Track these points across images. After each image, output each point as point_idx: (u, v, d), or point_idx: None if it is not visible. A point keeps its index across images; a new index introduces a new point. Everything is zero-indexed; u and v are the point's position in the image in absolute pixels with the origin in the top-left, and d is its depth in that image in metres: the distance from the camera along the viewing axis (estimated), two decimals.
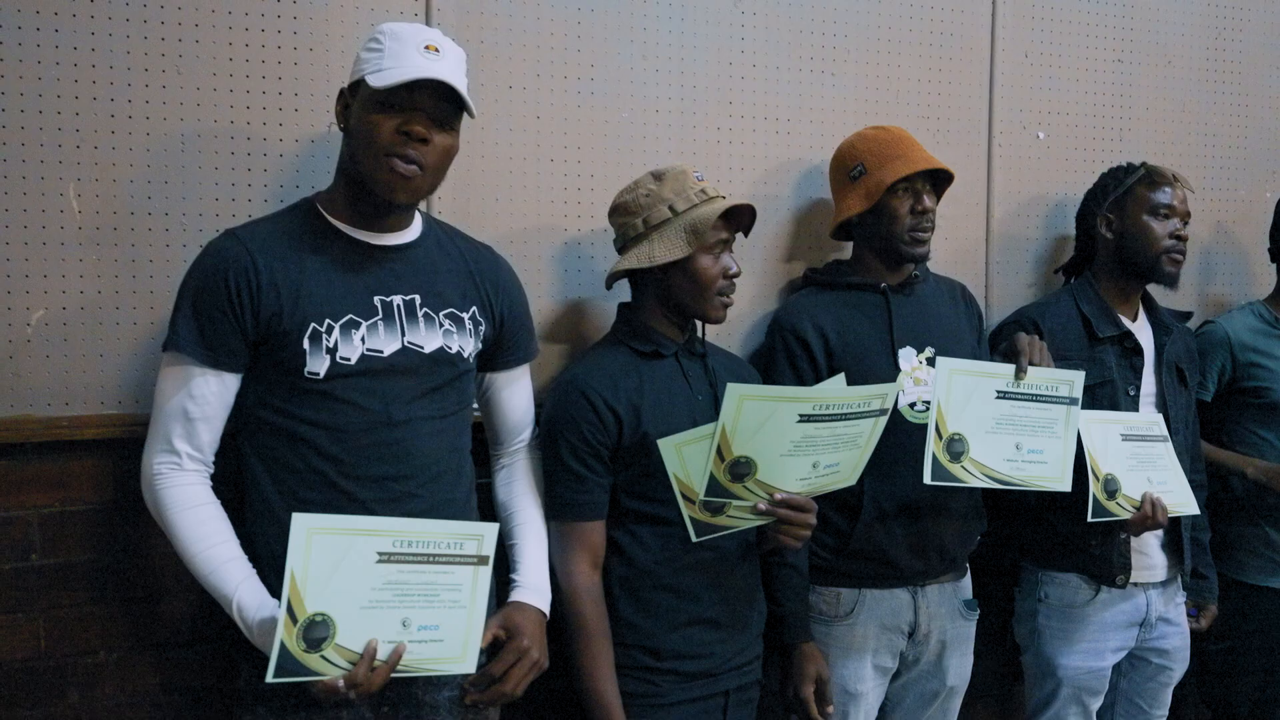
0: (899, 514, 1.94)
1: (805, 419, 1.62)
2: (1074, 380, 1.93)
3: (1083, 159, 2.46)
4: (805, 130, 2.21)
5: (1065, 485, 1.92)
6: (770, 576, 1.90)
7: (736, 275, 1.78)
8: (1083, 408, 1.99)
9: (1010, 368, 1.90)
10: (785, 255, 2.20)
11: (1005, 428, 1.89)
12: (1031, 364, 1.90)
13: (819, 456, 1.66)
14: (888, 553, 1.94)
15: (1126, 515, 1.96)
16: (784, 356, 1.97)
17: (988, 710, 2.51)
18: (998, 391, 1.89)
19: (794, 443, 1.63)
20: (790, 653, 1.90)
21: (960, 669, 2.06)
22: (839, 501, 1.91)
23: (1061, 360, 2.03)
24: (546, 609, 1.66)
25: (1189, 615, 2.28)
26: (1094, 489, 1.92)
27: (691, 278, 1.75)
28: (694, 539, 1.64)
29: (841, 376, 1.78)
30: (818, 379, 1.91)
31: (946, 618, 2.02)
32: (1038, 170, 2.44)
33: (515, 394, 1.76)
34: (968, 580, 2.09)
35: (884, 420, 1.72)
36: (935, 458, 1.83)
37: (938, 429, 1.83)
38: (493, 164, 1.97)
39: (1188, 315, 2.32)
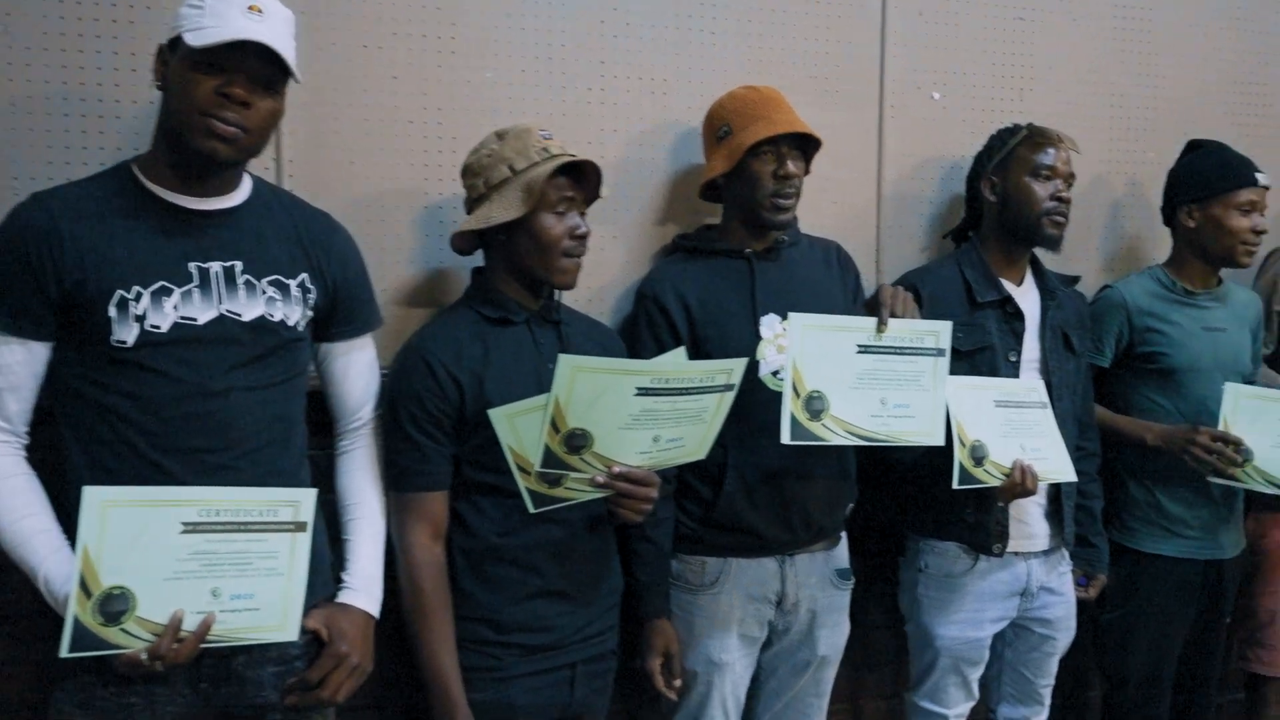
0: (762, 484, 1.90)
1: (644, 392, 1.58)
2: (939, 331, 1.89)
3: (980, 120, 2.38)
4: (683, 92, 2.14)
5: (937, 439, 1.88)
6: (627, 550, 1.87)
7: (585, 235, 1.74)
8: (962, 374, 1.96)
9: (871, 321, 1.85)
10: (659, 220, 2.14)
11: (869, 383, 1.85)
12: (894, 316, 1.86)
13: (660, 430, 1.63)
14: (751, 523, 1.91)
15: (995, 482, 1.93)
16: (646, 326, 1.93)
17: (881, 681, 2.49)
18: (859, 346, 1.84)
19: (633, 416, 1.59)
20: (642, 626, 1.87)
21: (832, 639, 2.03)
22: (703, 471, 1.88)
23: None
24: (375, 610, 1.64)
25: (1078, 584, 2.25)
26: (959, 455, 1.89)
27: (534, 238, 1.70)
28: (531, 510, 1.61)
29: (682, 350, 1.75)
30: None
31: (817, 587, 2.00)
32: (933, 132, 2.38)
33: (353, 364, 1.71)
34: (842, 549, 2.07)
35: (731, 395, 1.68)
36: (794, 416, 1.79)
37: (795, 387, 1.79)
38: (347, 126, 1.91)
39: (1075, 279, 2.27)
